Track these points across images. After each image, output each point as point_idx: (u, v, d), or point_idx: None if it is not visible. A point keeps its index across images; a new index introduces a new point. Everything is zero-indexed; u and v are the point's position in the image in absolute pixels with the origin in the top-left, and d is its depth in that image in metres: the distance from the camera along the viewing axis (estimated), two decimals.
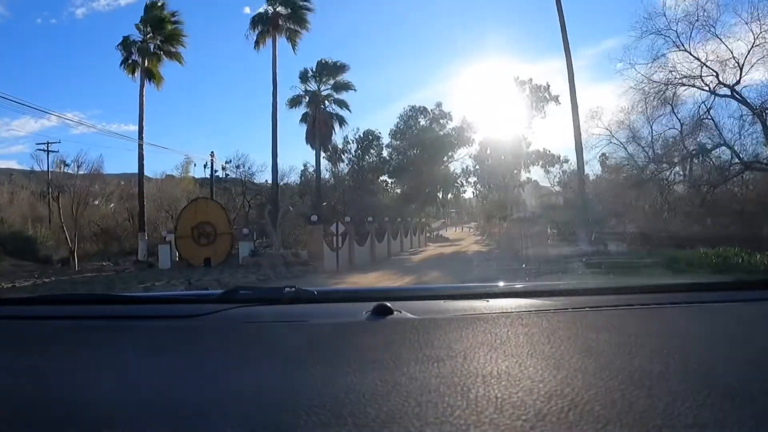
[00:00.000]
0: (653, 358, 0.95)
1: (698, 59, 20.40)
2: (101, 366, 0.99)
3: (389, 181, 39.51)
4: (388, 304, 1.37)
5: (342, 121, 35.32)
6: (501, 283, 1.85)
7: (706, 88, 20.70)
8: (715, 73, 20.24)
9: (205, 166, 31.50)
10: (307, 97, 34.59)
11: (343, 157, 38.22)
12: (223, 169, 31.99)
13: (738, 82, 19.85)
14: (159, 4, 26.63)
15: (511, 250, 20.96)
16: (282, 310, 1.53)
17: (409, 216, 35.23)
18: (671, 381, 0.82)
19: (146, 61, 25.91)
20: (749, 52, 19.32)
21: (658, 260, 13.05)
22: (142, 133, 25.36)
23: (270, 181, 32.03)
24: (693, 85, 21.05)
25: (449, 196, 41.58)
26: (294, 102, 34.84)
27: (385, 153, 38.92)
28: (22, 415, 0.76)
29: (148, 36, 26.34)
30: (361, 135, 38.41)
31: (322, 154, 36.04)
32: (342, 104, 35.24)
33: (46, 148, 30.81)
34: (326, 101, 34.85)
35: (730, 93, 20.12)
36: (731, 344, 1.05)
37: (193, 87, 66.15)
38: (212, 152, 30.84)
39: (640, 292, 1.67)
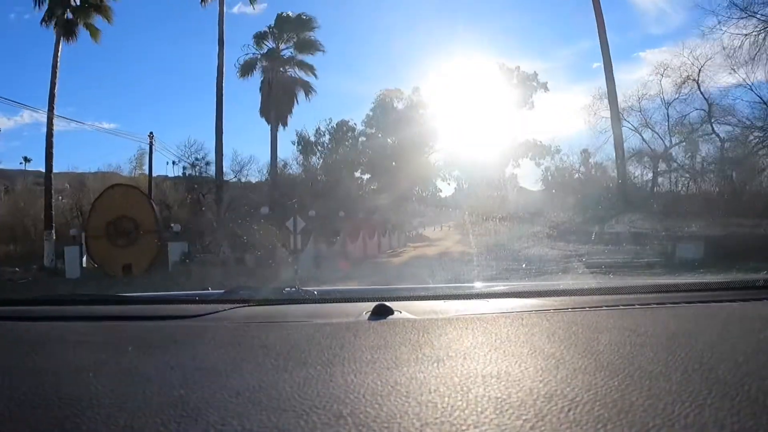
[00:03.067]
0: (653, 358, 0.95)
1: None
2: (102, 366, 0.99)
3: (364, 177, 34.78)
4: (388, 304, 1.39)
5: (308, 89, 27.63)
6: (501, 283, 1.87)
7: None
8: None
9: (175, 163, 27.05)
10: (264, 61, 27.31)
11: (315, 149, 33.16)
12: (194, 166, 27.09)
13: None
14: None
15: (512, 251, 17.24)
16: (282, 310, 1.55)
17: (386, 213, 30.28)
18: (671, 381, 0.82)
19: (64, 14, 20.94)
20: None
21: None
22: (53, 103, 19.75)
23: (238, 179, 27.47)
24: None
25: (426, 194, 37.42)
26: (247, 68, 27.03)
27: (360, 144, 33.69)
28: (21, 415, 0.76)
29: None
30: (335, 126, 33.33)
31: (293, 144, 30.81)
32: (307, 68, 27.64)
33: None
34: (287, 65, 27.57)
35: None
36: (731, 344, 1.05)
37: (131, 54, 53.76)
38: (151, 133, 24.96)
39: (640, 292, 1.68)
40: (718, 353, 0.98)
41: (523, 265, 13.04)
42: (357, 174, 34.33)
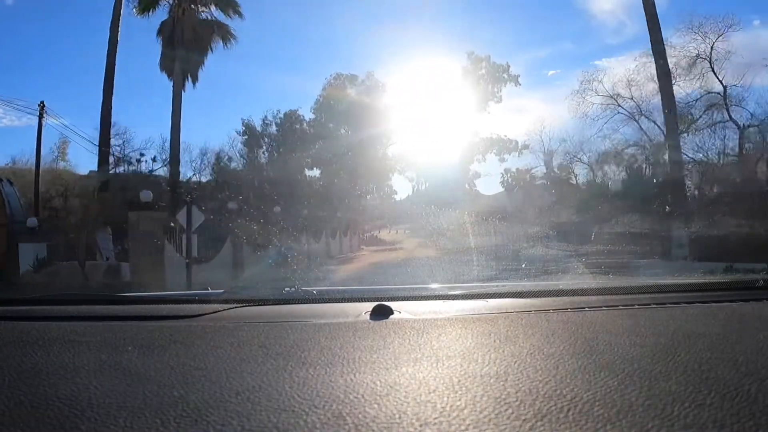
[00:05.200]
0: (653, 358, 0.96)
1: None
2: (101, 366, 0.98)
3: (314, 171, 31.39)
4: (388, 304, 1.39)
5: (226, 36, 20.90)
6: (501, 283, 1.89)
7: None
8: None
9: (120, 159, 21.67)
10: None
11: (261, 142, 30.19)
12: (154, 160, 22.44)
13: None
14: None
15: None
16: (282, 310, 1.55)
17: (337, 211, 27.54)
18: (671, 381, 0.82)
19: None
20: None
21: None
22: None
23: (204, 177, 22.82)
24: None
25: (382, 193, 35.71)
26: (147, 3, 20.13)
27: (309, 135, 30.18)
28: (21, 415, 0.75)
29: None
30: (282, 117, 30.39)
31: (239, 135, 27.45)
32: (227, 6, 21.10)
33: None
34: (200, 3, 20.89)
35: None
36: (731, 344, 1.06)
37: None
38: (41, 102, 20.45)
39: (640, 292, 1.69)
40: (718, 353, 0.98)
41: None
42: (306, 168, 30.60)
